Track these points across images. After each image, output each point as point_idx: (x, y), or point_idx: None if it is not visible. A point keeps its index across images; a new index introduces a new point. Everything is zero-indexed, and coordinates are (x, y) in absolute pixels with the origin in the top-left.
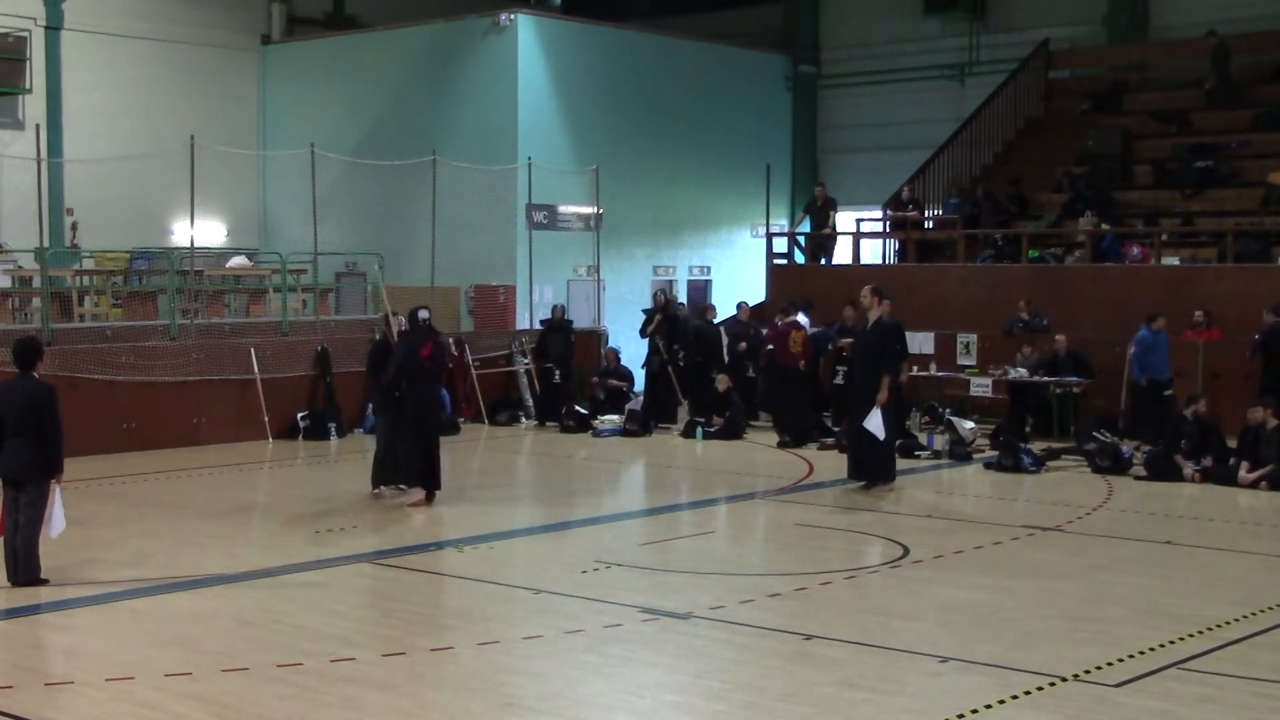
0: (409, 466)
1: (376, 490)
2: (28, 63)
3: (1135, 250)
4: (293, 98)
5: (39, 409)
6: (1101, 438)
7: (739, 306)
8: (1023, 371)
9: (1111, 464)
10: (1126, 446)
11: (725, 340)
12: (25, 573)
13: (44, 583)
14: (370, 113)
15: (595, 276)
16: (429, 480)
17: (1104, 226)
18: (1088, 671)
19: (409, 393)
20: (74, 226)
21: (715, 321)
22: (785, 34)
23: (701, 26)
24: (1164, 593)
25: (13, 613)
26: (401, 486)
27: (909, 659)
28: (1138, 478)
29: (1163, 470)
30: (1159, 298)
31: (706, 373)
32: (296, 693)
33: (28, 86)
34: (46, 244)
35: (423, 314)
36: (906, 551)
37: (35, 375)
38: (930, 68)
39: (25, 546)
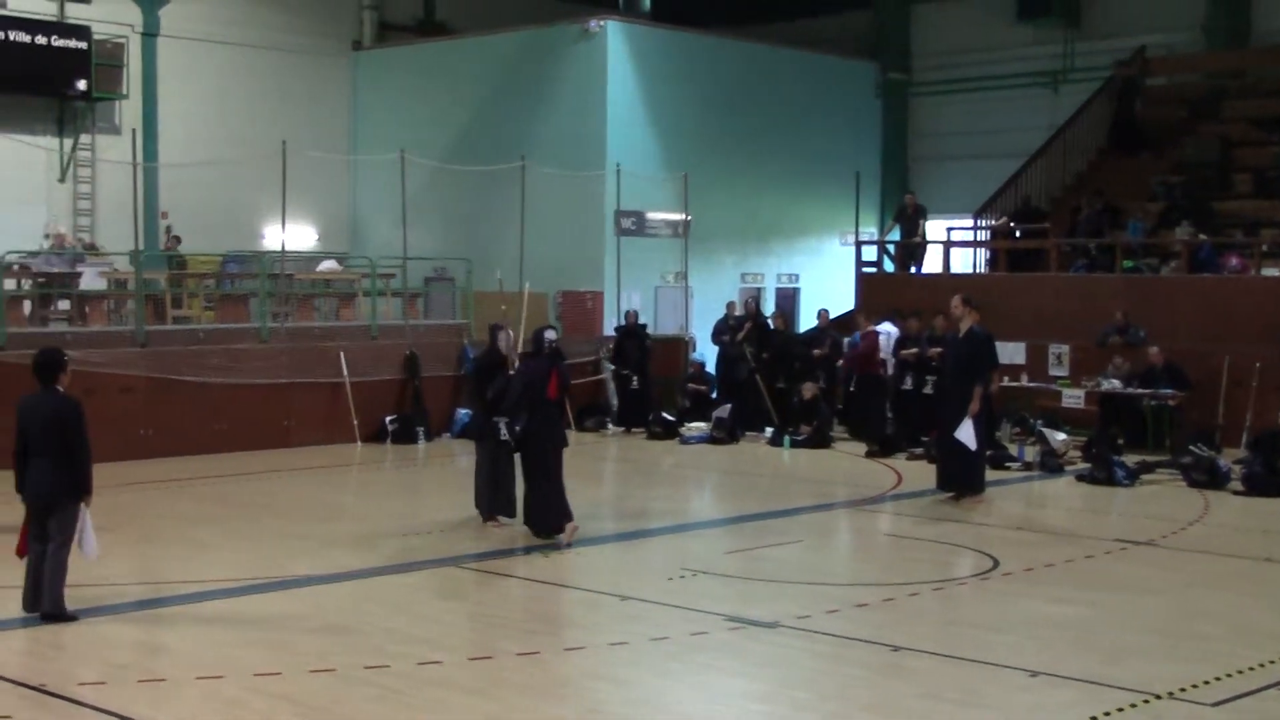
0: (545, 509)
1: (492, 519)
2: (125, 69)
3: (1234, 261)
4: (384, 103)
5: (63, 426)
6: (1198, 451)
7: (820, 314)
8: (1115, 383)
9: (1208, 478)
10: (1224, 460)
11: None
12: (50, 606)
13: (73, 618)
14: (460, 118)
15: (683, 284)
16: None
17: (1201, 237)
18: (1183, 689)
19: (531, 429)
20: (168, 230)
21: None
22: (875, 41)
23: (791, 34)
24: (1263, 610)
25: (107, 610)
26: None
27: (997, 672)
28: (1235, 493)
29: (1262, 485)
30: (1259, 309)
31: (775, 380)
32: (383, 695)
33: (125, 92)
34: (141, 246)
35: (549, 335)
36: (996, 564)
37: (59, 389)
38: (1023, 75)
39: (51, 578)
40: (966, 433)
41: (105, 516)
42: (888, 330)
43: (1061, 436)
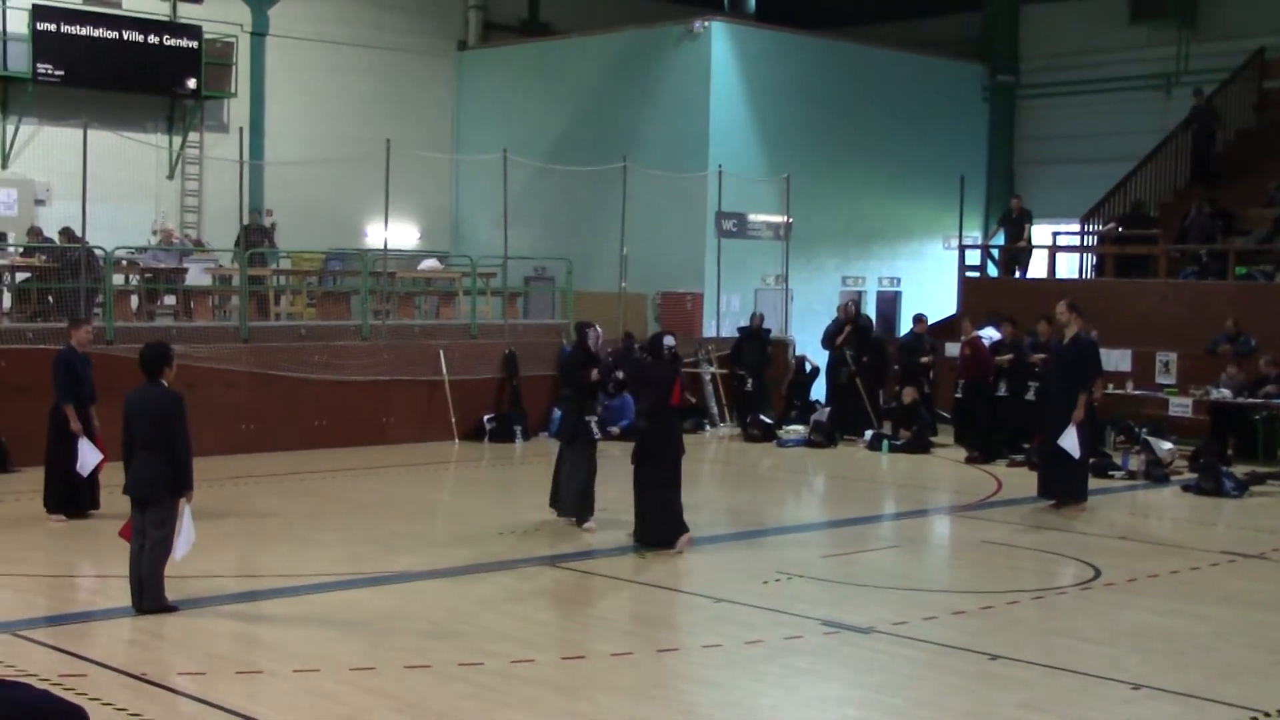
0: (663, 523)
1: (587, 525)
2: (234, 68)
3: None
4: (487, 103)
5: (166, 420)
6: None
7: (916, 319)
8: (1225, 392)
9: None
10: None
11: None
12: (150, 600)
13: (173, 609)
14: (563, 118)
15: (783, 286)
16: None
17: None
18: None
19: (652, 433)
20: (273, 227)
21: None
22: (983, 43)
23: (897, 35)
24: None
25: (206, 602)
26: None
27: (1098, 684)
28: None
29: None
30: None
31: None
32: (476, 691)
33: (233, 91)
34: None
35: (669, 340)
36: (1098, 573)
37: (164, 383)
38: (1135, 77)
39: (149, 571)
40: (1070, 440)
41: (206, 510)
42: (989, 335)
43: (1168, 446)
